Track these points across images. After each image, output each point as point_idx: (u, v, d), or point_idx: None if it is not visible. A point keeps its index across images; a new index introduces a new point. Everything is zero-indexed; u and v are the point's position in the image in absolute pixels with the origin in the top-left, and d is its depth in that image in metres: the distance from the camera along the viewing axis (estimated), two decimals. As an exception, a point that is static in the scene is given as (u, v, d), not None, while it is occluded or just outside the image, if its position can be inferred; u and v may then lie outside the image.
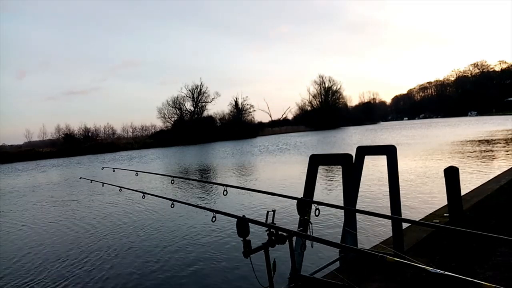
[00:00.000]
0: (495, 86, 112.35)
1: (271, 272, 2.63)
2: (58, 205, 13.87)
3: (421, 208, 8.32)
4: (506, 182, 8.78)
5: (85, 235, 9.01)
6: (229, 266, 6.07)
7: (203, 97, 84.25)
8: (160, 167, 27.20)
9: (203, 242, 7.48)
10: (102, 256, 7.18)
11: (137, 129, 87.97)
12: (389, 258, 1.86)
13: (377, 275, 3.95)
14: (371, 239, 6.32)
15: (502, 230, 4.99)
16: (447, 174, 5.11)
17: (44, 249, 8.10)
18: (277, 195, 3.70)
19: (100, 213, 11.56)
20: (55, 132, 74.33)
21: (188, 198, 12.90)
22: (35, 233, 9.76)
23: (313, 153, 4.20)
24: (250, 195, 11.31)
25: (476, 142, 25.05)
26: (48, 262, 7.14)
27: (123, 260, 6.87)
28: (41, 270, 6.75)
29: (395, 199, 4.16)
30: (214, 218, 2.99)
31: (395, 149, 4.26)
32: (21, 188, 20.77)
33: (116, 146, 67.40)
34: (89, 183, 6.83)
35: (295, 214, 3.20)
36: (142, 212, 10.98)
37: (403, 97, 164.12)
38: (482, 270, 3.92)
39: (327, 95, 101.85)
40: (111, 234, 8.87)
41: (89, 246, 8.01)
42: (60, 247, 8.17)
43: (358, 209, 3.88)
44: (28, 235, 9.56)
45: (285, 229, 2.60)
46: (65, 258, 7.28)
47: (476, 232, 2.09)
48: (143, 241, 8.03)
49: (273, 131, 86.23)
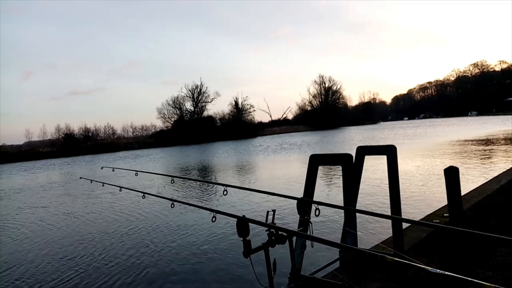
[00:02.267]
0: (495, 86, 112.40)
1: (271, 272, 2.63)
2: (58, 205, 13.87)
3: (421, 208, 8.32)
4: (506, 182, 8.77)
5: (85, 235, 9.01)
6: (229, 266, 6.07)
7: (203, 97, 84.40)
8: (160, 167, 27.20)
9: (203, 242, 7.48)
10: (102, 256, 7.18)
11: (137, 129, 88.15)
12: (389, 258, 1.86)
13: (377, 275, 3.95)
14: (371, 239, 6.32)
15: (502, 230, 4.99)
16: (447, 174, 5.10)
17: (44, 249, 8.10)
18: (277, 195, 3.70)
19: (100, 213, 11.57)
20: (55, 132, 74.46)
21: (188, 198, 12.89)
22: (35, 233, 9.75)
23: (313, 153, 4.20)
24: (250, 195, 11.30)
25: (476, 142, 25.05)
26: (48, 262, 7.14)
27: (123, 259, 6.87)
28: (41, 269, 6.75)
29: (395, 199, 4.15)
30: (214, 218, 2.98)
31: (395, 149, 4.25)
32: (21, 188, 20.77)
33: (116, 146, 67.35)
34: (89, 183, 6.83)
35: (295, 214, 3.19)
36: (142, 212, 10.98)
37: (403, 97, 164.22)
38: (482, 270, 3.91)
39: (327, 95, 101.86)
40: (111, 234, 8.87)
41: (89, 246, 8.01)
42: (60, 246, 8.17)
43: (358, 209, 3.88)
44: (28, 235, 9.55)
45: (285, 229, 2.59)
46: (65, 258, 7.28)
47: (476, 232, 2.09)
48: (143, 240, 8.02)
49: (273, 131, 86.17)
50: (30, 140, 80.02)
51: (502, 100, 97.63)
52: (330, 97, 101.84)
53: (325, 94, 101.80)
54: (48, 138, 76.48)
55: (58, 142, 70.24)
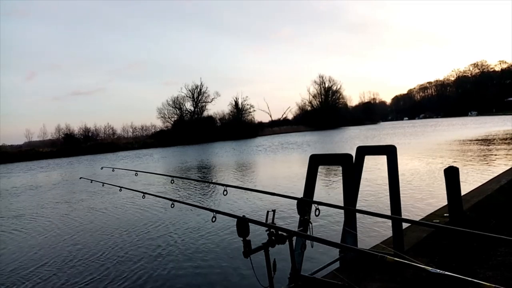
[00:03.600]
0: (495, 86, 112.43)
1: (271, 272, 2.63)
2: (58, 205, 13.86)
3: (421, 208, 8.32)
4: (506, 182, 8.77)
5: (85, 235, 9.01)
6: (229, 266, 6.07)
7: (203, 97, 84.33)
8: (160, 167, 27.20)
9: (203, 242, 7.48)
10: (102, 256, 7.19)
11: (137, 129, 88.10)
12: (389, 258, 1.86)
13: (377, 275, 3.95)
14: (371, 239, 6.31)
15: (502, 230, 4.98)
16: (447, 174, 5.10)
17: (44, 249, 8.10)
18: (277, 195, 3.70)
19: (100, 213, 11.57)
20: (55, 132, 74.38)
21: (188, 198, 12.89)
22: (34, 233, 9.75)
23: (313, 153, 4.20)
24: (250, 195, 11.30)
25: (476, 142, 25.05)
26: (48, 262, 7.14)
27: (123, 259, 6.87)
28: (41, 269, 6.75)
29: (395, 199, 4.15)
30: (214, 218, 2.98)
31: (395, 149, 4.25)
32: (21, 188, 20.77)
33: (116, 146, 67.31)
34: (89, 183, 6.83)
35: (295, 214, 3.20)
36: (142, 212, 10.98)
37: (403, 97, 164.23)
38: (482, 270, 3.91)
39: (327, 95, 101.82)
40: (111, 234, 8.87)
41: (89, 245, 8.01)
42: (60, 246, 8.17)
43: (358, 209, 3.88)
44: (27, 235, 9.55)
45: (285, 229, 2.60)
46: (65, 258, 7.28)
47: (476, 232, 2.09)
48: (143, 240, 8.03)
49: (273, 131, 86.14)
50: (30, 140, 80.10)
51: (502, 100, 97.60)
52: (330, 97, 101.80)
53: (325, 94, 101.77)
54: (48, 138, 76.54)
55: (58, 142, 70.20)
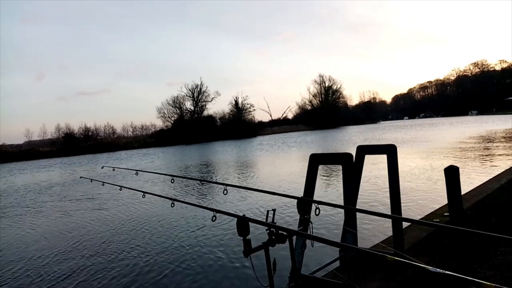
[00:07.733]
0: (496, 85, 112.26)
1: (271, 271, 2.63)
2: (58, 204, 13.87)
3: (421, 207, 8.32)
4: (506, 181, 8.77)
5: (85, 234, 9.01)
6: (229, 265, 6.07)
7: (203, 97, 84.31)
8: (160, 166, 27.19)
9: (203, 241, 7.48)
10: (102, 255, 7.18)
11: (137, 129, 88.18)
12: (389, 257, 1.85)
13: (378, 274, 3.95)
14: (372, 238, 6.32)
15: (503, 229, 4.98)
16: (447, 173, 5.10)
17: (44, 248, 8.09)
18: (277, 195, 3.71)
19: (100, 212, 11.57)
20: (55, 131, 74.38)
21: (188, 197, 12.89)
22: (35, 232, 9.75)
23: (313, 152, 4.20)
24: (250, 194, 11.30)
25: (477, 141, 25.04)
26: (48, 261, 7.14)
27: (123, 259, 6.87)
28: (41, 269, 6.75)
29: (395, 198, 4.15)
30: (214, 218, 2.98)
31: (395, 149, 4.25)
32: (21, 188, 20.77)
33: (116, 146, 67.34)
34: (90, 182, 6.84)
35: (295, 213, 3.19)
36: (142, 211, 10.98)
37: (403, 96, 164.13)
38: (482, 269, 3.91)
39: (327, 94, 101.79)
40: (111, 233, 8.87)
41: (89, 245, 8.01)
42: (60, 246, 8.16)
43: (358, 208, 3.88)
44: (28, 235, 9.55)
45: (285, 229, 2.59)
46: (65, 257, 7.28)
47: (477, 231, 2.09)
48: (143, 240, 8.03)
49: (273, 131, 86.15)
50: (30, 140, 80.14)
51: (502, 100, 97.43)
52: (330, 97, 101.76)
53: (325, 94, 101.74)
54: (48, 138, 76.59)
55: (58, 142, 70.22)
